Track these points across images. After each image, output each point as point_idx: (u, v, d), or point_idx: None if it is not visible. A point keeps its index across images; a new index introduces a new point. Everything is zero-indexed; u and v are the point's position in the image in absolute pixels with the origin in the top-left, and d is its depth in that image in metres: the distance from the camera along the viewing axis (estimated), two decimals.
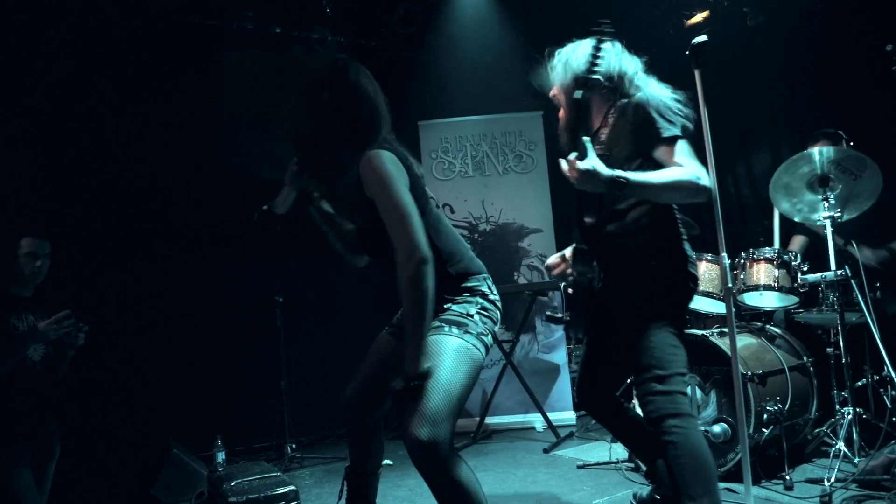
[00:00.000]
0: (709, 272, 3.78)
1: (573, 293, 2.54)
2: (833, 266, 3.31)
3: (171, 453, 3.76)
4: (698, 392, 3.49)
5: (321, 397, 4.90)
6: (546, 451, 4.33)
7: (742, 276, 3.70)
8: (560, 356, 5.28)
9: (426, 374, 1.89)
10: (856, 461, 3.14)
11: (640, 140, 2.31)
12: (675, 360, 2.26)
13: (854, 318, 3.50)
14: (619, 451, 3.88)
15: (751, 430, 3.22)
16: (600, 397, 2.67)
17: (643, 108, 2.32)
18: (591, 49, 2.44)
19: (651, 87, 2.43)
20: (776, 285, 3.58)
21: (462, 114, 5.63)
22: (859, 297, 3.31)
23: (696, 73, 2.44)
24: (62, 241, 3.30)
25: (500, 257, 5.41)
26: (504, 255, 5.41)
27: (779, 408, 3.31)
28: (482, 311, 2.11)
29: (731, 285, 2.38)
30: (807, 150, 3.41)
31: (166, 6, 4.53)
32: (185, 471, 3.75)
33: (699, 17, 5.02)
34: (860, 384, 3.63)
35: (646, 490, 2.76)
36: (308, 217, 2.42)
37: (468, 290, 2.14)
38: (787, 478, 3.16)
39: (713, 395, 3.43)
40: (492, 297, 2.18)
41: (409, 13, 5.14)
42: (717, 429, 3.30)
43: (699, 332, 3.49)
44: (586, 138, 2.20)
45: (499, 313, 2.20)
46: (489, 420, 5.03)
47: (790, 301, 3.71)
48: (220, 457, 3.77)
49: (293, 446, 4.52)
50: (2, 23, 4.10)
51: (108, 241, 4.62)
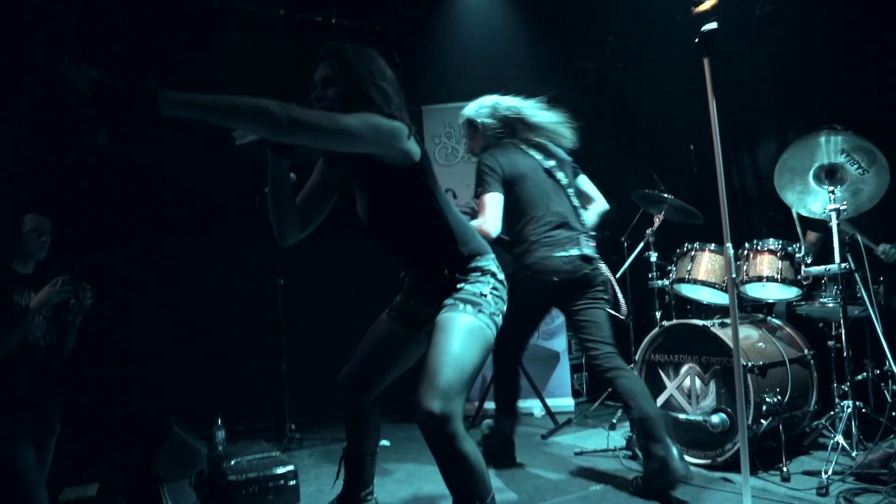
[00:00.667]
0: (711, 262, 3.77)
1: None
2: (837, 259, 3.29)
3: (171, 432, 3.77)
4: (697, 382, 3.49)
5: (321, 378, 4.88)
6: (544, 437, 4.34)
7: (745, 267, 3.69)
8: (560, 343, 5.29)
9: None
10: (854, 455, 3.14)
11: None
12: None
13: (856, 312, 3.49)
14: (617, 439, 3.90)
15: (749, 421, 3.22)
16: None
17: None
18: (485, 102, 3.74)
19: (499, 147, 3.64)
20: (779, 277, 3.57)
21: (466, 98, 5.56)
22: (862, 290, 3.30)
23: (706, 62, 2.42)
24: (63, 222, 3.30)
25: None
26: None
27: (778, 399, 3.31)
28: (494, 291, 2.13)
29: (734, 276, 2.37)
30: (813, 136, 3.37)
31: None
32: (186, 449, 3.77)
33: (707, 5, 4.95)
34: (861, 378, 3.63)
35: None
36: None
37: (479, 269, 2.16)
38: (785, 469, 3.16)
39: (712, 385, 3.43)
40: (500, 276, 2.21)
41: None
42: (715, 419, 3.31)
43: (700, 322, 3.49)
44: None
45: (507, 293, 2.21)
46: (488, 405, 5.02)
47: (792, 293, 3.70)
48: (221, 436, 3.77)
49: (293, 427, 4.55)
50: (5, 2, 4.07)
51: (109, 221, 4.62)
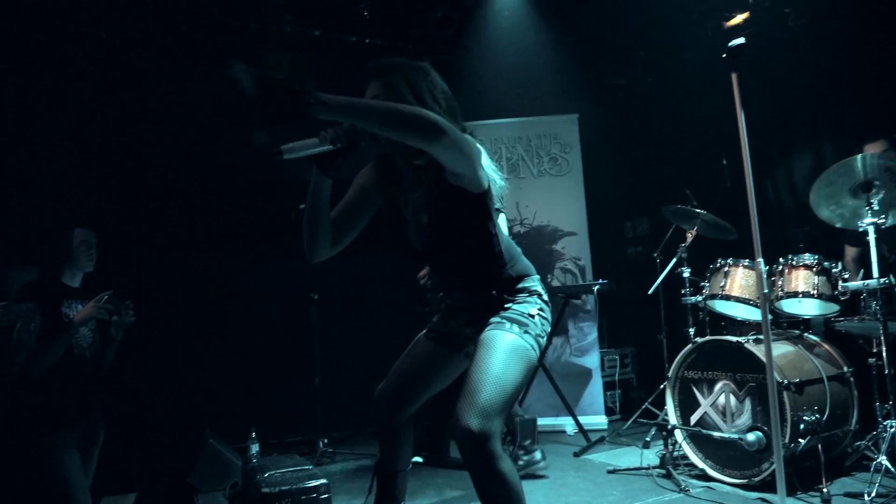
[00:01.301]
0: (745, 278, 3.73)
1: None
2: (875, 273, 3.23)
3: (207, 444, 3.84)
4: (732, 399, 3.44)
5: (353, 394, 4.92)
6: (576, 454, 4.31)
7: (780, 283, 3.63)
8: (592, 360, 5.25)
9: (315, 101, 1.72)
10: None
11: None
12: None
13: None
14: (650, 457, 3.85)
15: (786, 440, 3.16)
16: None
17: None
18: None
19: None
20: (815, 292, 3.51)
21: (497, 116, 5.65)
22: None
23: (734, 77, 2.42)
24: (108, 237, 3.40)
25: (533, 260, 5.25)
26: (537, 258, 5.38)
27: (816, 418, 3.24)
28: (541, 313, 2.12)
29: (766, 291, 2.35)
30: (849, 159, 3.33)
31: (209, 10, 4.64)
32: (221, 461, 3.83)
33: (739, 19, 4.94)
34: None
35: None
36: None
37: (526, 290, 2.16)
38: (825, 490, 3.08)
39: (748, 403, 3.38)
40: (545, 297, 2.20)
41: (446, 17, 5.17)
42: (751, 437, 3.25)
43: (734, 339, 3.45)
44: None
45: (550, 312, 2.21)
46: None
47: (830, 309, 3.63)
48: (254, 449, 3.82)
49: (325, 441, 4.59)
50: (56, 26, 4.26)
51: (150, 237, 4.77)
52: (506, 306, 2.09)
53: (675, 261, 4.31)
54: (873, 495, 2.89)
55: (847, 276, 3.50)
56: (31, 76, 4.34)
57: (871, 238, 3.24)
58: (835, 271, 3.51)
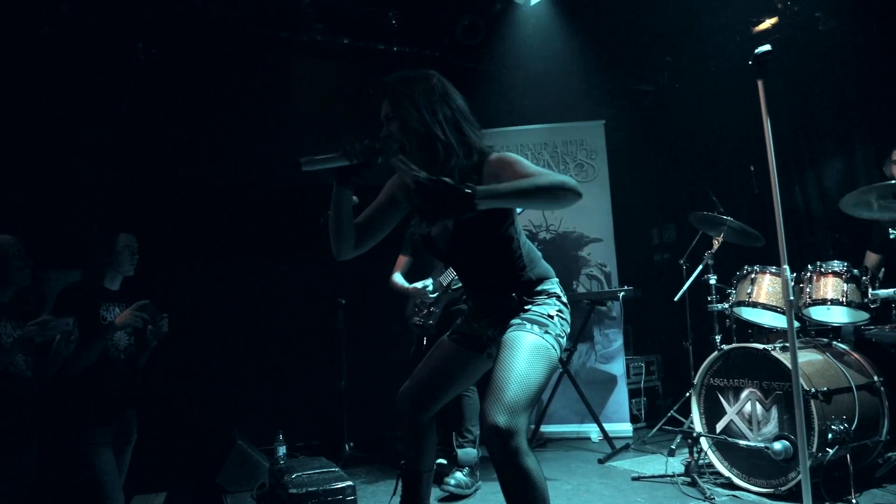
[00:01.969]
0: (773, 285, 3.70)
1: None
2: None
3: (235, 445, 3.92)
4: (758, 407, 3.42)
5: (379, 398, 4.98)
6: (601, 461, 4.30)
7: (808, 290, 3.60)
8: (618, 367, 5.24)
9: (469, 193, 1.84)
10: None
11: None
12: None
13: None
14: (676, 465, 3.83)
15: (814, 449, 3.12)
16: None
17: None
18: None
19: None
20: (844, 300, 3.47)
21: (523, 122, 5.67)
22: None
23: (760, 84, 2.42)
24: (144, 242, 3.50)
25: (559, 266, 5.31)
26: (563, 264, 5.40)
27: (845, 427, 3.20)
28: (560, 314, 2.19)
29: (792, 298, 2.34)
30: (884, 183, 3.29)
31: (241, 20, 4.75)
32: (249, 462, 3.91)
33: (767, 24, 4.89)
34: None
35: None
36: None
37: (545, 292, 2.22)
38: (854, 501, 3.05)
39: (774, 411, 3.35)
40: (564, 299, 2.26)
41: (473, 24, 5.21)
42: (777, 446, 3.22)
43: (760, 346, 3.42)
44: None
45: (570, 313, 2.26)
46: (544, 428, 5.03)
47: (860, 317, 3.59)
48: (281, 451, 3.89)
49: (351, 445, 4.64)
50: (94, 38, 4.40)
51: (185, 241, 4.89)
52: (526, 308, 2.16)
53: (701, 267, 4.29)
54: None
55: (878, 284, 3.46)
56: (75, 86, 4.50)
57: None
58: (864, 279, 3.47)
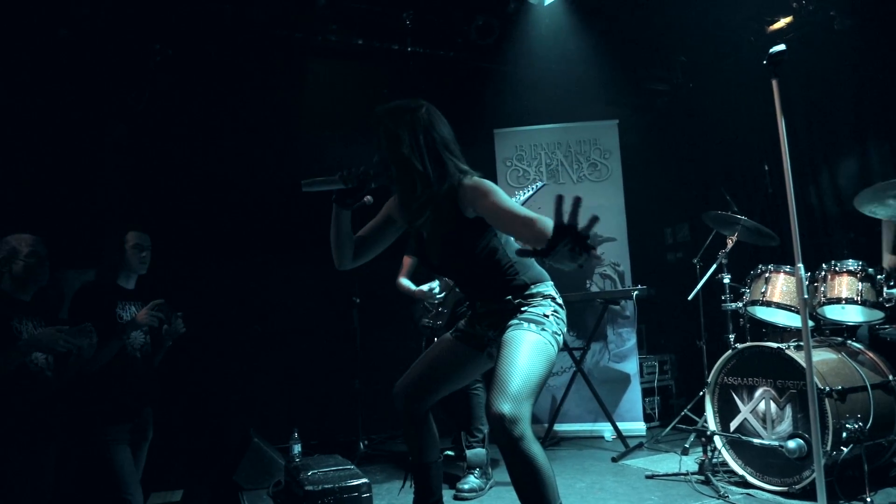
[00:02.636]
0: (787, 284, 3.69)
1: None
2: None
3: (251, 443, 3.96)
4: (772, 406, 3.41)
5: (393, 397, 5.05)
6: (615, 460, 4.31)
7: (823, 289, 3.58)
8: (631, 366, 5.24)
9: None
10: None
11: None
12: None
13: None
14: (689, 464, 3.83)
15: (828, 448, 3.12)
16: None
17: None
18: None
19: None
20: (859, 299, 3.45)
21: (537, 122, 5.68)
22: None
23: (774, 83, 2.42)
24: (160, 240, 3.55)
25: None
26: None
27: (859, 426, 3.19)
28: (555, 314, 2.31)
29: (806, 296, 2.35)
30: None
31: (256, 21, 4.80)
32: (265, 460, 3.95)
33: (782, 23, 4.87)
34: None
35: None
36: None
37: (540, 294, 2.34)
38: (869, 500, 3.04)
39: (788, 410, 3.35)
40: (559, 300, 2.37)
41: (487, 24, 5.23)
42: (792, 444, 3.22)
43: (775, 345, 3.42)
44: None
45: (566, 315, 2.37)
46: (558, 427, 5.04)
47: (875, 316, 3.57)
48: (297, 449, 3.92)
49: (365, 443, 4.67)
50: (111, 39, 4.46)
51: (200, 241, 4.94)
52: (522, 309, 2.29)
53: (715, 267, 4.28)
54: None
55: (893, 283, 3.44)
56: (93, 87, 4.56)
57: None
58: (879, 278, 3.46)
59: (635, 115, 6.24)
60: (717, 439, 3.63)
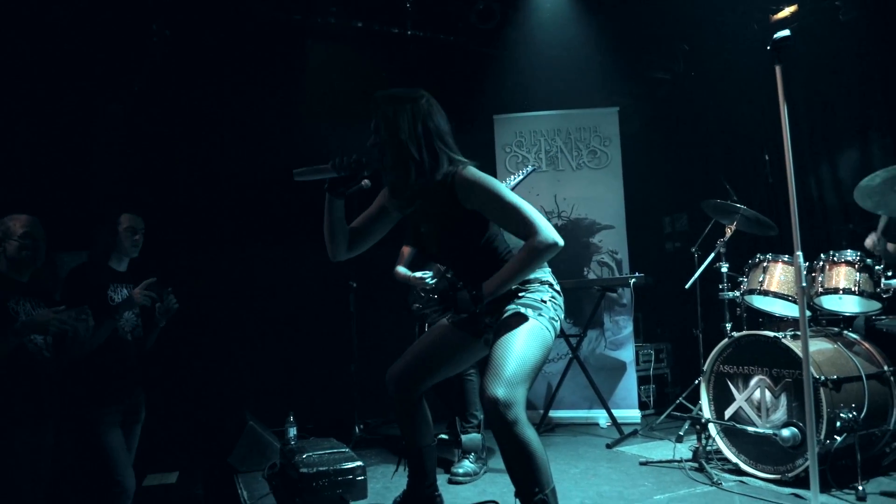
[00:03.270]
0: (784, 274, 3.69)
1: None
2: None
3: (247, 426, 3.97)
4: (767, 394, 3.42)
5: None
6: (609, 446, 4.33)
7: (820, 279, 3.59)
8: (627, 353, 5.25)
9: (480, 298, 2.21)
10: None
11: None
12: None
13: None
14: (683, 451, 3.85)
15: (822, 437, 3.13)
16: None
17: None
18: None
19: None
20: (856, 289, 3.46)
21: (537, 108, 5.66)
22: None
23: (777, 70, 2.41)
24: (153, 223, 3.52)
25: (570, 252, 5.38)
26: (574, 251, 5.40)
27: (854, 416, 3.20)
28: (552, 299, 2.34)
29: (804, 285, 2.35)
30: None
31: (255, 2, 4.75)
32: (260, 442, 3.96)
33: (786, 12, 4.83)
34: None
35: None
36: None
37: (537, 280, 2.36)
38: (860, 489, 3.05)
39: (783, 399, 3.36)
40: (556, 286, 2.39)
41: (488, 9, 5.20)
42: (786, 433, 3.23)
43: (771, 334, 3.42)
44: None
45: (563, 302, 2.39)
46: (553, 413, 5.06)
47: (872, 306, 3.58)
48: (292, 432, 3.94)
49: (360, 426, 4.69)
50: (108, 18, 4.41)
51: (194, 223, 4.92)
52: (520, 295, 2.31)
53: (713, 255, 4.28)
54: None
55: (890, 274, 3.44)
56: (89, 67, 4.51)
57: None
58: (877, 268, 3.46)
59: (636, 102, 6.21)
60: (711, 427, 3.65)
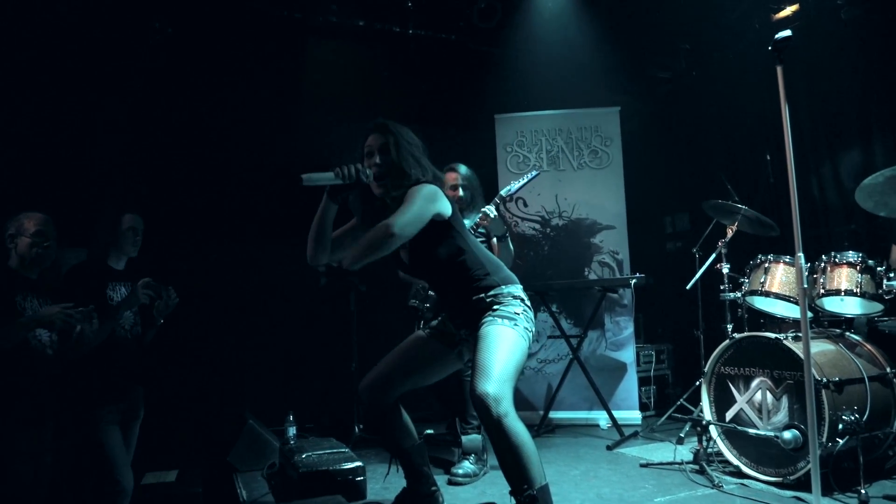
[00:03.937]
0: (786, 275, 3.67)
1: None
2: None
3: (246, 425, 3.96)
4: (769, 396, 3.40)
5: None
6: (609, 448, 4.31)
7: (822, 280, 3.57)
8: (628, 354, 5.23)
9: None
10: None
11: None
12: None
13: None
14: (684, 453, 3.83)
15: (824, 439, 3.11)
16: None
17: None
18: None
19: None
20: (858, 291, 3.44)
21: (538, 108, 5.64)
22: None
23: (779, 70, 2.39)
24: (153, 221, 3.51)
25: (571, 252, 5.39)
26: (575, 251, 5.39)
27: (856, 418, 3.18)
28: (524, 312, 2.52)
29: (806, 286, 2.33)
30: None
31: (256, 0, 4.74)
32: (260, 441, 3.95)
33: (788, 11, 4.81)
34: None
35: None
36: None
37: (510, 294, 2.54)
38: (863, 492, 3.02)
39: (785, 401, 3.34)
40: (527, 301, 2.60)
41: (490, 8, 5.18)
42: (787, 435, 3.21)
43: (772, 336, 3.40)
44: None
45: (533, 314, 2.60)
46: (553, 414, 5.04)
47: (874, 308, 3.56)
48: (292, 431, 3.93)
49: (360, 426, 4.67)
50: (110, 16, 4.40)
51: (194, 222, 4.90)
52: (494, 308, 2.48)
53: (714, 256, 4.26)
54: None
55: (893, 276, 3.42)
56: (87, 64, 4.50)
57: None
58: (879, 270, 3.44)
59: (637, 102, 6.19)
60: (712, 429, 3.63)
